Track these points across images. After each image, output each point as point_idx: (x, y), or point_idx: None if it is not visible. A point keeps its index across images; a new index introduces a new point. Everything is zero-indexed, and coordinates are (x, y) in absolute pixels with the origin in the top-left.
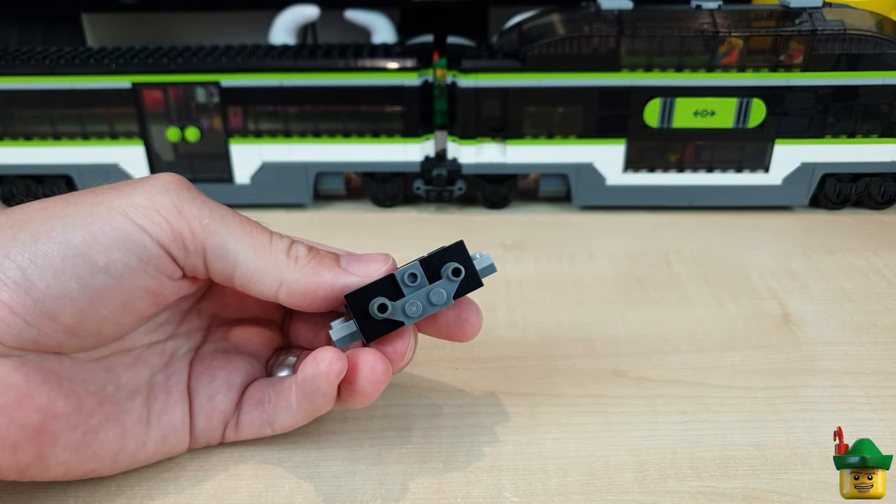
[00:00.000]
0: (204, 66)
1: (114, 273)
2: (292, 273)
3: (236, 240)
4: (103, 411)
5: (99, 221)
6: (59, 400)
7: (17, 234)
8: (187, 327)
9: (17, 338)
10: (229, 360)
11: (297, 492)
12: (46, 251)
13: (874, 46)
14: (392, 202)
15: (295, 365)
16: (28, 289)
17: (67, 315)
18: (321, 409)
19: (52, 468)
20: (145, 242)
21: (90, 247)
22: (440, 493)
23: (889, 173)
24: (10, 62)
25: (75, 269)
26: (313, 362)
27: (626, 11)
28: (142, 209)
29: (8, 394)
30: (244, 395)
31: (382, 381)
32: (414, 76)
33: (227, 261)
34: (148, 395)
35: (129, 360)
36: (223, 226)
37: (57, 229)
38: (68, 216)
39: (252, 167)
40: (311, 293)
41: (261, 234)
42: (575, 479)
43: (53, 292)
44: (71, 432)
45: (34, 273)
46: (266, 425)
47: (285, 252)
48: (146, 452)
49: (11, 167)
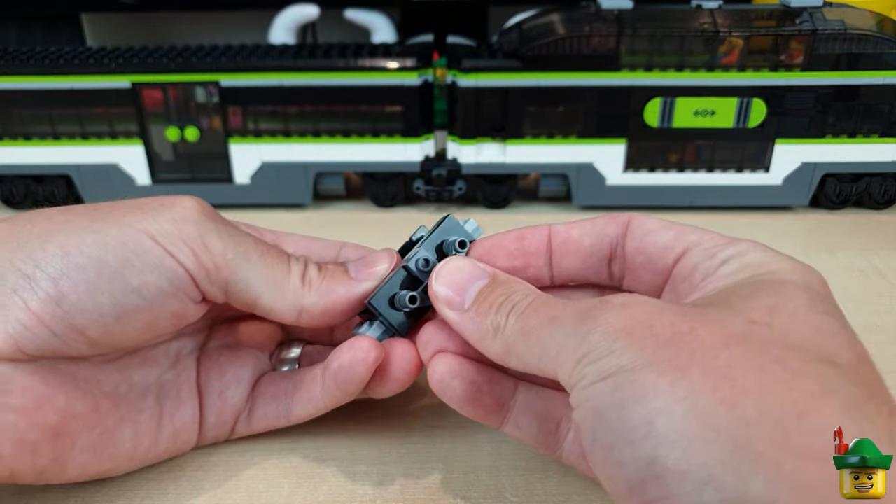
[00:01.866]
0: (204, 65)
1: (145, 295)
2: (311, 299)
3: (257, 275)
4: (119, 411)
5: (130, 243)
6: (76, 401)
7: (44, 244)
8: (191, 328)
9: (39, 347)
10: (236, 355)
11: (297, 492)
12: (80, 264)
13: (875, 46)
14: (392, 202)
15: (300, 358)
16: (59, 300)
17: (94, 330)
18: (349, 397)
19: (69, 470)
20: (175, 268)
21: (124, 267)
22: (440, 493)
23: (889, 173)
24: (10, 62)
25: (109, 286)
26: (350, 350)
27: (626, 11)
28: (170, 237)
29: (26, 396)
30: (256, 389)
31: (416, 371)
32: (414, 76)
33: (249, 294)
34: (158, 393)
35: (137, 359)
36: (245, 260)
37: (88, 244)
38: (97, 231)
39: (252, 167)
40: (330, 311)
41: (281, 266)
42: (575, 479)
43: (84, 306)
44: (88, 433)
45: (66, 285)
46: (282, 417)
47: (301, 279)
48: (158, 450)
49: (11, 167)
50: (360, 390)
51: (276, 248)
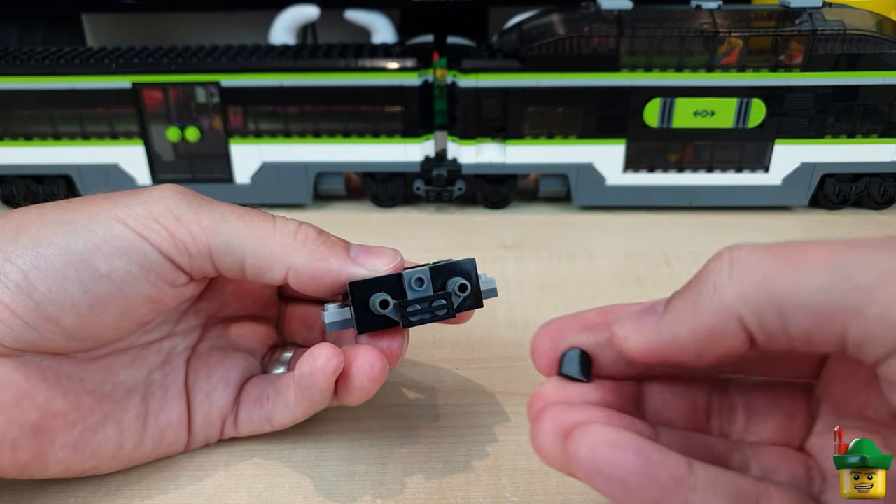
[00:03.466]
0: (204, 66)
1: (115, 280)
2: (300, 257)
3: (239, 234)
4: (101, 410)
5: (100, 230)
6: (57, 398)
7: (16, 237)
8: (184, 326)
9: (16, 339)
10: (226, 356)
11: (297, 492)
12: (48, 255)
13: (874, 46)
14: (392, 202)
15: (290, 361)
16: (30, 292)
17: (68, 319)
18: (319, 406)
19: (50, 466)
20: (146, 251)
21: (92, 254)
22: (440, 493)
23: (889, 173)
24: (10, 62)
25: (77, 274)
26: (310, 358)
27: (625, 11)
28: (140, 219)
29: (7, 392)
30: (242, 392)
31: (379, 378)
32: (414, 76)
33: (235, 256)
34: (145, 392)
35: (126, 358)
36: (223, 223)
37: (58, 235)
38: (68, 222)
39: (252, 167)
40: (318, 279)
41: (263, 222)
42: (575, 479)
43: (55, 296)
44: (69, 430)
45: (36, 276)
46: (265, 422)
47: (292, 235)
48: (144, 450)
49: (11, 167)
50: (326, 399)
51: (256, 209)
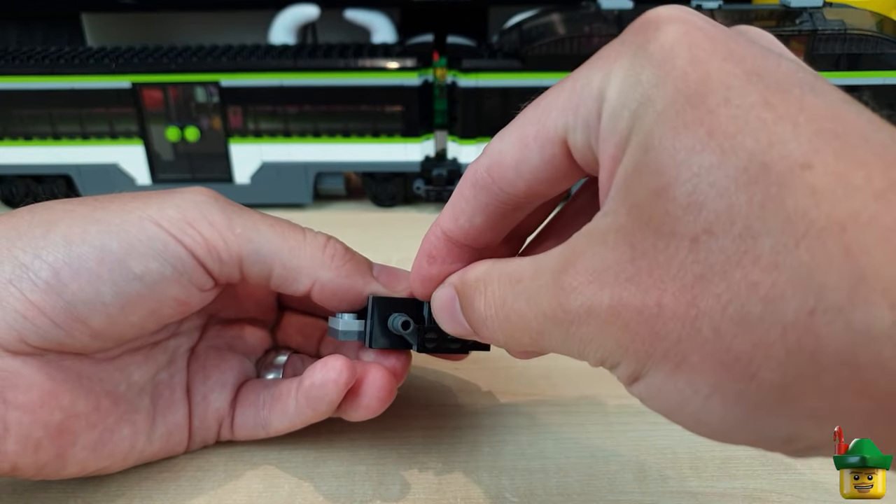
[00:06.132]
0: (204, 65)
1: (147, 282)
2: (328, 272)
3: (270, 243)
4: (118, 410)
5: (133, 230)
6: (80, 399)
7: (46, 233)
8: (188, 325)
9: (42, 338)
10: (222, 358)
11: (297, 492)
12: (82, 253)
13: (875, 46)
14: (392, 202)
15: (285, 366)
16: (60, 290)
17: (97, 320)
18: (321, 416)
19: (69, 466)
20: (181, 254)
21: (127, 254)
22: (440, 493)
23: None
24: (10, 62)
25: (111, 274)
26: (323, 369)
27: (626, 11)
28: (175, 221)
29: (32, 392)
30: (238, 396)
31: (388, 398)
32: (414, 76)
33: (264, 265)
34: (153, 392)
35: (139, 357)
36: (255, 231)
37: (91, 233)
38: (100, 220)
39: (252, 167)
40: (341, 294)
41: (294, 233)
42: (575, 479)
43: (86, 296)
44: (90, 431)
45: (67, 275)
46: (260, 428)
47: (321, 249)
48: (153, 449)
49: (11, 167)
50: (331, 411)
51: (286, 220)
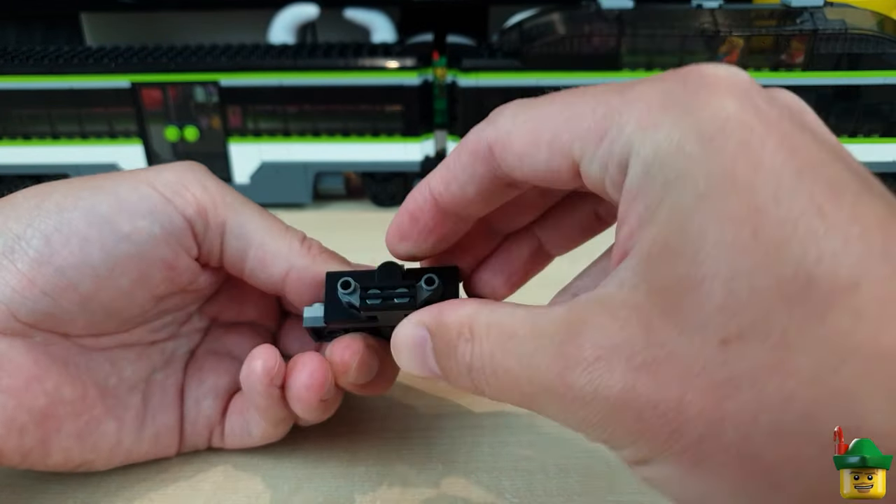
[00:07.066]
0: (203, 65)
1: (136, 240)
2: (303, 260)
3: (254, 221)
4: (105, 403)
5: (124, 191)
6: (65, 386)
7: (41, 203)
8: (189, 328)
9: (31, 310)
10: (220, 363)
11: (297, 492)
12: (71, 219)
13: (875, 46)
14: (392, 202)
15: None
16: (50, 257)
17: (86, 284)
18: (268, 413)
19: (53, 454)
20: (170, 212)
21: (116, 213)
22: (440, 493)
23: (890, 173)
24: (10, 62)
25: (100, 236)
26: (249, 360)
27: (626, 11)
28: (170, 183)
29: (18, 375)
30: (230, 404)
31: (318, 387)
32: (414, 75)
33: (243, 240)
34: (145, 392)
35: (132, 354)
36: (243, 205)
37: (83, 197)
38: (94, 187)
39: (251, 167)
40: (318, 284)
41: (277, 221)
42: (575, 479)
43: (76, 260)
44: (75, 420)
45: (58, 240)
46: (246, 434)
47: (299, 241)
48: (140, 450)
49: (10, 167)
50: (273, 406)
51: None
